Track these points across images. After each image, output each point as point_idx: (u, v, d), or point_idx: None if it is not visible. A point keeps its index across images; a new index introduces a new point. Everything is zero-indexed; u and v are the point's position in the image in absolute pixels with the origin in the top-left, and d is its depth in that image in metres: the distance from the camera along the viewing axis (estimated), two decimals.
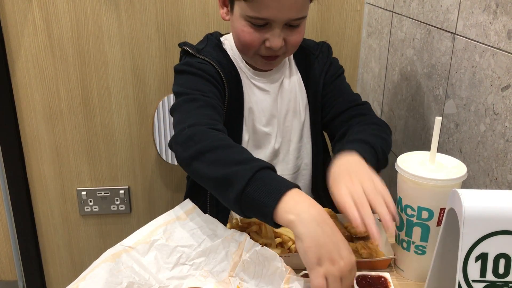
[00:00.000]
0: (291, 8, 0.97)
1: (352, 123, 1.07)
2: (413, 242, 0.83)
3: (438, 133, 0.80)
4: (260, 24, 0.99)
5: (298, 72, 1.18)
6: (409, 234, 0.83)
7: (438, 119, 0.80)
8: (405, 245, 0.84)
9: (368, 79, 1.59)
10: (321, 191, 1.21)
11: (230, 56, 1.12)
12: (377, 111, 1.52)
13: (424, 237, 0.81)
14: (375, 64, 1.53)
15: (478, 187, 0.96)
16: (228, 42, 1.15)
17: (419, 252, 0.83)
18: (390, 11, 1.39)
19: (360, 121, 1.07)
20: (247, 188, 0.76)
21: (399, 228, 0.85)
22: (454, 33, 1.04)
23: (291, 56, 1.18)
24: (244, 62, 1.13)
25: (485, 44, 0.93)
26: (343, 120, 1.11)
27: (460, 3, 1.01)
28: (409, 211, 0.81)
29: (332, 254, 0.71)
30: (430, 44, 1.15)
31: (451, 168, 0.80)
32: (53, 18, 1.48)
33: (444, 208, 0.74)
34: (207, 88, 1.03)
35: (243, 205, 0.77)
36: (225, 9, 1.08)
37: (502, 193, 0.65)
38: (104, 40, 1.52)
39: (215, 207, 1.15)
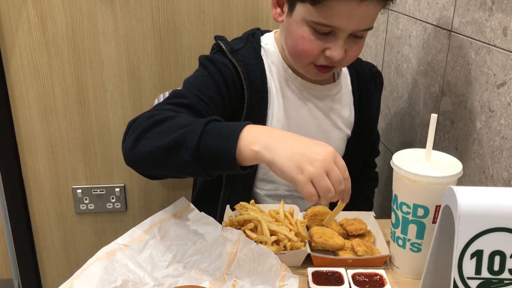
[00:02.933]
0: (363, 18, 0.90)
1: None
2: (409, 240, 0.83)
3: (433, 130, 0.80)
4: (325, 32, 0.91)
5: (353, 100, 1.12)
6: (404, 231, 0.83)
7: (433, 116, 0.80)
8: (400, 242, 0.84)
9: None
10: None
11: (269, 64, 1.04)
12: None
13: (420, 234, 0.81)
14: (371, 62, 1.53)
15: (474, 184, 0.96)
16: (269, 47, 1.06)
17: (415, 249, 0.83)
18: (386, 8, 1.39)
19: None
20: (201, 142, 0.73)
21: (394, 225, 0.85)
22: (450, 30, 1.04)
23: (348, 78, 1.12)
24: (291, 71, 1.04)
25: (481, 41, 0.92)
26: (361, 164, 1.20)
27: (456, 0, 1.01)
28: (404, 209, 0.81)
29: (306, 156, 0.69)
30: (426, 41, 1.15)
31: (447, 165, 0.80)
32: (48, 15, 1.47)
33: (440, 206, 0.74)
34: (209, 92, 0.96)
35: (202, 160, 0.73)
36: (278, 10, 0.99)
37: (497, 190, 0.65)
38: (99, 37, 1.51)
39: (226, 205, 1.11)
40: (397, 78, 1.33)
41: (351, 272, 0.83)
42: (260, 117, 1.03)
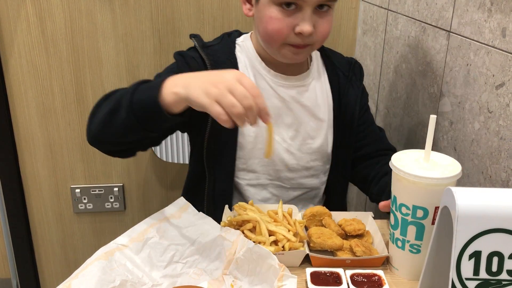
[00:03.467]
0: None
1: (384, 167, 1.10)
2: (408, 241, 0.83)
3: (432, 131, 0.80)
4: (290, 8, 0.96)
5: (330, 90, 1.14)
6: (404, 233, 0.83)
7: (432, 117, 0.80)
8: (399, 243, 0.84)
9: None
10: (335, 203, 1.21)
11: (244, 59, 1.09)
12: (372, 109, 1.52)
13: (419, 235, 0.81)
14: (370, 62, 1.53)
15: (472, 185, 0.96)
16: (245, 43, 1.11)
17: (414, 251, 0.83)
18: (385, 8, 1.39)
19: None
20: (133, 98, 0.84)
21: (393, 226, 0.85)
22: (449, 31, 1.04)
23: (324, 69, 1.15)
24: (264, 64, 1.09)
25: (480, 42, 0.92)
26: (374, 163, 1.16)
27: (455, 0, 1.01)
28: (404, 210, 0.81)
29: (211, 81, 0.76)
30: (425, 41, 1.15)
31: (446, 166, 0.80)
32: (47, 14, 1.47)
33: (438, 207, 0.74)
34: None
35: (136, 114, 0.84)
36: (247, 5, 1.05)
37: (496, 191, 0.65)
38: (98, 37, 1.51)
39: (212, 204, 1.14)
40: (396, 79, 1.33)
41: (349, 272, 0.83)
42: None
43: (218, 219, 0.89)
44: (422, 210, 0.79)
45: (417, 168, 0.79)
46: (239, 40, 1.12)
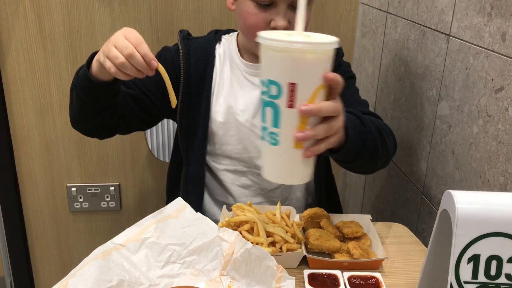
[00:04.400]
0: None
1: None
2: (265, 128, 0.67)
3: (303, 10, 0.68)
4: (265, 4, 0.99)
5: None
6: (263, 118, 0.67)
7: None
8: (261, 133, 0.68)
9: (362, 79, 1.59)
10: (320, 192, 1.20)
11: (223, 53, 1.13)
12: None
13: (275, 121, 0.65)
14: (368, 64, 1.53)
15: (470, 189, 0.96)
16: (230, 38, 1.16)
17: (273, 141, 0.66)
18: (385, 11, 1.39)
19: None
20: (78, 74, 0.95)
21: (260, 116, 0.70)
22: (449, 35, 1.04)
23: None
24: (239, 55, 1.13)
25: (479, 46, 0.93)
26: None
27: (455, 4, 1.01)
28: (262, 88, 0.66)
29: (108, 41, 0.83)
30: (424, 45, 1.15)
31: (318, 38, 0.68)
32: (45, 12, 1.46)
33: (295, 84, 0.62)
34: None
35: (79, 86, 0.94)
36: None
37: (495, 195, 0.66)
38: (96, 35, 1.50)
39: (185, 187, 1.16)
40: (395, 82, 1.33)
41: (347, 274, 0.83)
42: (198, 97, 1.12)
43: (190, 202, 0.89)
44: (276, 86, 0.64)
45: (282, 36, 0.65)
46: (226, 35, 1.17)
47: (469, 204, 0.63)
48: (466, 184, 0.98)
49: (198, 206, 1.17)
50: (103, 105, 0.98)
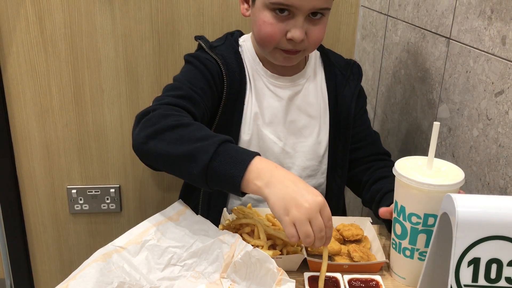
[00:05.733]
0: None
1: (376, 173, 1.13)
2: (418, 249, 0.82)
3: (436, 138, 0.80)
4: (283, 14, 0.98)
5: (326, 88, 1.16)
6: (413, 241, 0.82)
7: (436, 124, 0.79)
8: (408, 253, 0.83)
9: (362, 82, 1.59)
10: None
11: (244, 59, 1.12)
12: (371, 115, 1.52)
13: (429, 243, 0.79)
14: (369, 67, 1.54)
15: (470, 192, 0.97)
16: (246, 44, 1.14)
17: (424, 258, 0.81)
18: (385, 14, 1.40)
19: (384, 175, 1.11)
20: (212, 162, 0.80)
21: (400, 236, 0.84)
22: (449, 38, 1.04)
23: (321, 68, 1.18)
24: (261, 64, 1.11)
25: (480, 50, 0.93)
26: (368, 168, 1.16)
27: (455, 8, 1.02)
28: (414, 219, 0.80)
29: (295, 201, 0.75)
30: (424, 48, 1.16)
31: (448, 172, 0.80)
32: (46, 14, 1.47)
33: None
34: (200, 83, 1.03)
35: (209, 178, 0.81)
36: (245, 5, 1.08)
37: (495, 198, 0.66)
38: (97, 37, 1.50)
39: (206, 205, 1.14)
40: (395, 84, 1.34)
41: (347, 277, 0.83)
42: (237, 106, 1.10)
43: (213, 222, 0.89)
44: (433, 217, 0.78)
45: (424, 176, 0.79)
46: (240, 40, 1.15)
47: (469, 208, 0.63)
48: (466, 187, 0.98)
49: (218, 220, 1.15)
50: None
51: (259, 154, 0.82)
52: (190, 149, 0.82)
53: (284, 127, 1.13)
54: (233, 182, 0.79)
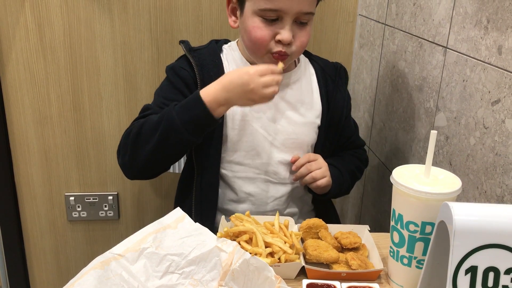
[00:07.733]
0: (302, 0, 1.04)
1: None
2: (415, 257, 0.83)
3: (433, 147, 0.80)
4: (272, 18, 1.04)
5: (318, 91, 1.22)
6: (411, 249, 0.82)
7: (433, 133, 0.80)
8: (406, 261, 0.84)
9: (360, 90, 1.61)
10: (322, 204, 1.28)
11: (227, 62, 1.17)
12: (368, 123, 1.53)
13: (426, 250, 0.80)
14: (366, 76, 1.55)
15: (467, 200, 0.97)
16: (231, 48, 1.19)
17: (421, 266, 0.82)
18: (383, 23, 1.41)
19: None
20: (181, 121, 0.98)
21: (398, 244, 0.84)
22: (446, 47, 1.05)
23: (312, 71, 1.23)
24: (249, 63, 1.15)
25: (476, 59, 0.94)
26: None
27: (452, 17, 1.03)
28: (412, 227, 0.81)
29: (246, 92, 0.97)
30: (421, 57, 1.16)
31: (446, 180, 0.81)
32: (46, 21, 1.47)
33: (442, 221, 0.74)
34: (174, 97, 1.11)
35: (190, 132, 1.00)
36: (233, 18, 1.14)
37: (492, 207, 0.66)
38: (96, 45, 1.51)
39: (199, 211, 1.17)
40: (392, 93, 1.34)
41: (345, 285, 0.83)
42: None
43: (203, 211, 0.92)
44: (431, 225, 0.79)
45: (421, 184, 0.79)
46: (225, 46, 1.21)
47: (466, 216, 0.63)
48: (464, 196, 0.98)
49: (212, 216, 1.17)
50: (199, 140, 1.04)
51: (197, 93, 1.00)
52: (160, 131, 1.00)
53: (274, 123, 1.17)
54: (206, 117, 0.98)
